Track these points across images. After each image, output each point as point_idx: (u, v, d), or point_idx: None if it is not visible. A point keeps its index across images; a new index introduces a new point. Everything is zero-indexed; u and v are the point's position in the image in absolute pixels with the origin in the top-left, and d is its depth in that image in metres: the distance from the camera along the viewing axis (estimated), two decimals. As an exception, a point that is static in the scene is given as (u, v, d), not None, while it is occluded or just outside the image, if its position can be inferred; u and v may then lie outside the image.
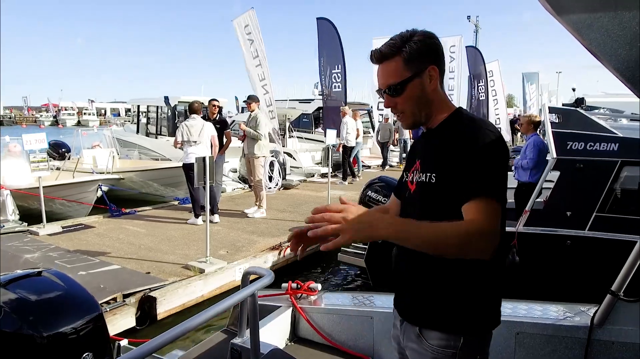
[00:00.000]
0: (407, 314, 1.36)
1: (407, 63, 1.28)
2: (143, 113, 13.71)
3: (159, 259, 5.46)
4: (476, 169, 1.18)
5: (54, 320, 1.84)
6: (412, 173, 1.38)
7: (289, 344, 2.52)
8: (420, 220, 1.15)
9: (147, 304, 4.35)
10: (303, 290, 2.59)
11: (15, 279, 1.96)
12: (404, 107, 1.33)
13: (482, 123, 1.28)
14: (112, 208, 7.83)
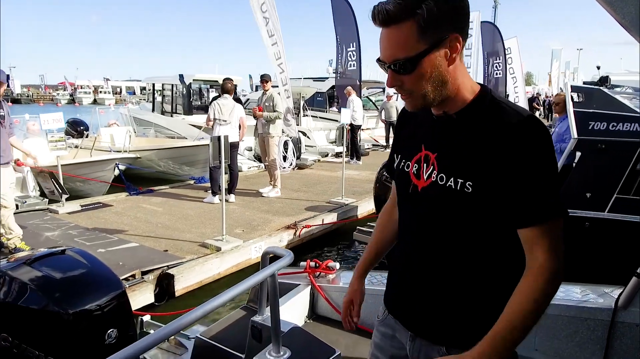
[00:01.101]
0: (424, 331, 1.15)
1: (423, 31, 0.96)
2: (158, 92, 13.75)
3: (176, 237, 5.55)
4: (537, 181, 0.97)
5: (79, 297, 1.89)
6: (421, 164, 1.12)
7: (307, 322, 2.57)
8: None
9: (165, 281, 4.44)
10: (321, 268, 2.61)
11: (40, 257, 2.01)
12: (414, 87, 1.03)
13: (523, 110, 1.04)
14: (130, 187, 7.95)
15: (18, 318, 1.85)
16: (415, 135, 1.17)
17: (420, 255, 1.14)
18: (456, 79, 1.04)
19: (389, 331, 1.25)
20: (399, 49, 0.99)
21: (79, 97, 57.44)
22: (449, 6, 0.97)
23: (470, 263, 1.07)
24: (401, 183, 1.19)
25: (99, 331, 1.91)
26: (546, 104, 25.27)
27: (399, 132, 1.29)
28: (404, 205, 1.20)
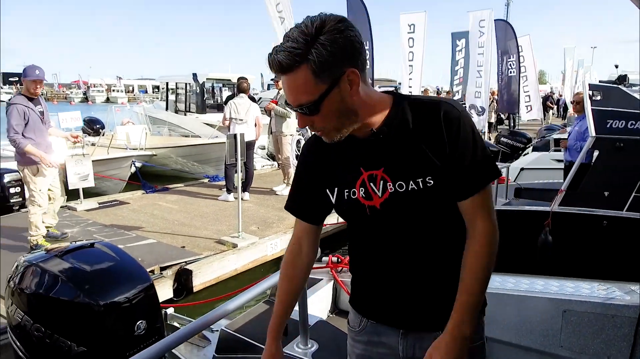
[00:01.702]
0: (417, 323, 1.18)
1: (318, 74, 0.99)
2: (172, 91, 13.88)
3: (193, 234, 5.62)
4: (467, 155, 1.07)
5: (109, 289, 1.94)
6: (367, 185, 1.13)
7: (330, 316, 2.60)
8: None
9: (183, 277, 4.52)
10: (343, 263, 2.64)
11: (71, 250, 2.07)
12: (325, 124, 1.07)
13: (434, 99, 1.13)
14: (145, 185, 8.05)
15: (50, 308, 1.90)
16: (343, 162, 1.17)
17: (399, 259, 1.16)
18: (365, 104, 1.08)
19: (373, 338, 1.25)
20: (300, 94, 1.03)
21: (92, 96, 58.03)
22: (338, 45, 0.99)
23: (444, 246, 1.15)
24: (352, 210, 1.18)
25: (128, 322, 1.95)
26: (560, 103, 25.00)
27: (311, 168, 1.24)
28: (363, 228, 1.21)
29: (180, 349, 2.32)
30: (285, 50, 0.98)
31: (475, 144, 1.08)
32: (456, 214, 1.13)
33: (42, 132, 4.73)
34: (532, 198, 5.05)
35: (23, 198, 6.73)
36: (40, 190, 4.77)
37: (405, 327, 1.19)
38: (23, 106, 4.58)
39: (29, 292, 1.92)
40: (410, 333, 1.19)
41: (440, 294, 1.15)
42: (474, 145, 1.08)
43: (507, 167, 5.31)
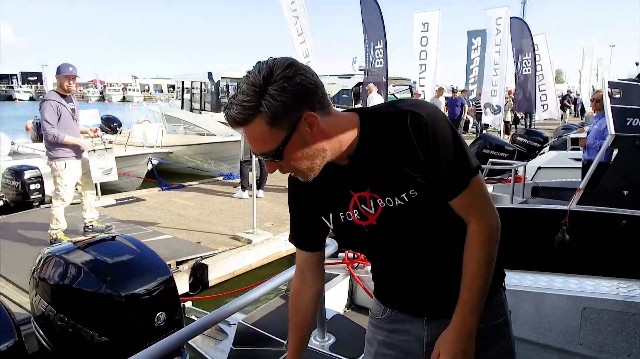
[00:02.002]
0: (440, 311, 1.20)
1: (274, 124, 0.98)
2: (187, 90, 14.00)
3: (208, 230, 5.68)
4: (443, 157, 1.05)
5: (130, 281, 1.99)
6: (359, 206, 1.15)
7: (346, 311, 2.61)
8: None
9: (199, 272, 4.57)
10: (360, 259, 2.65)
11: (93, 243, 2.12)
12: (293, 168, 1.06)
13: (403, 109, 1.07)
14: (162, 182, 8.15)
15: (73, 299, 1.96)
16: (331, 187, 1.17)
17: (411, 258, 1.20)
18: (332, 138, 1.06)
19: (397, 326, 1.28)
20: (261, 144, 1.02)
21: (109, 95, 58.76)
22: (288, 93, 0.96)
23: (453, 235, 1.16)
24: (351, 232, 1.20)
25: (148, 314, 2.00)
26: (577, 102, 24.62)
27: (301, 199, 1.25)
28: (365, 245, 1.24)
29: (198, 342, 2.35)
30: (238, 104, 0.97)
31: (447, 145, 1.06)
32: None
33: (73, 129, 4.87)
34: (549, 197, 4.99)
35: (43, 195, 6.86)
36: (66, 184, 4.87)
37: (429, 315, 1.23)
38: (56, 102, 4.71)
39: (52, 283, 1.98)
40: (433, 320, 1.23)
41: (457, 281, 1.16)
42: (446, 146, 1.06)
43: (524, 166, 5.25)
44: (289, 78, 0.97)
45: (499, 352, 1.22)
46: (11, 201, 6.75)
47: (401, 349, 1.28)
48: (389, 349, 1.30)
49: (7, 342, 1.61)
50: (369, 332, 1.37)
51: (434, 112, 1.06)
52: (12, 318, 1.69)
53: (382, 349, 1.31)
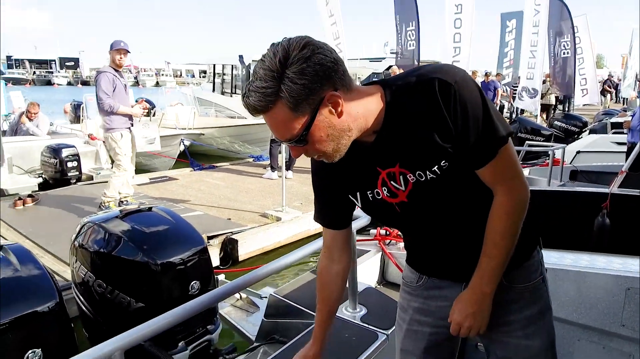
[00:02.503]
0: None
1: (296, 108, 0.93)
2: (218, 74, 14.12)
3: (238, 208, 5.79)
4: (473, 124, 1.00)
5: (166, 250, 2.03)
6: (389, 184, 1.12)
7: (377, 287, 2.61)
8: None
9: (229, 246, 4.67)
10: (392, 236, 2.64)
11: (131, 213, 2.17)
12: (318, 151, 1.02)
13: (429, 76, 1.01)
14: (193, 163, 8.30)
15: (112, 266, 2.02)
16: (357, 165, 1.13)
17: (445, 227, 1.18)
18: (357, 116, 1.02)
19: (434, 292, 1.28)
20: (283, 131, 0.98)
21: (143, 80, 59.92)
22: (307, 75, 0.92)
23: (484, 202, 1.13)
24: (382, 211, 1.18)
25: (183, 282, 2.04)
26: (619, 87, 23.57)
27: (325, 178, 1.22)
28: (397, 221, 1.22)
29: (231, 314, 2.40)
30: (256, 92, 0.92)
31: (475, 113, 1.01)
32: None
33: (125, 101, 5.05)
34: (588, 181, 4.81)
35: (80, 172, 7.09)
36: (125, 154, 5.07)
37: (468, 280, 1.21)
38: (111, 74, 4.88)
39: (91, 250, 2.04)
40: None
41: None
42: (475, 114, 1.01)
43: (562, 149, 5.06)
44: (307, 59, 0.91)
45: (538, 310, 1.23)
46: (50, 179, 7.01)
47: (437, 315, 1.27)
48: (425, 316, 1.30)
49: (50, 303, 1.67)
50: (402, 300, 1.36)
51: (462, 78, 1.01)
52: (54, 281, 1.75)
53: (417, 316, 1.31)
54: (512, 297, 1.20)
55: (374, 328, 1.78)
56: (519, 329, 1.20)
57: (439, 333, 1.29)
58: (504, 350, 1.24)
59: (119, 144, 4.98)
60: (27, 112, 8.55)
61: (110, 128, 4.92)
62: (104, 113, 4.89)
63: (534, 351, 1.22)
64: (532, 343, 1.22)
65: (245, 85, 0.96)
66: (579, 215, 3.58)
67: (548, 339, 1.25)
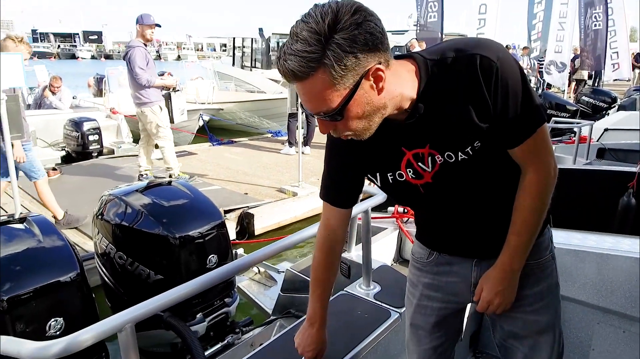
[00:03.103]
0: (489, 252, 1.18)
1: (338, 79, 0.86)
2: (238, 48, 14.02)
3: (255, 182, 5.85)
4: (510, 104, 0.97)
5: (184, 224, 2.05)
6: (415, 165, 1.07)
7: (393, 265, 2.61)
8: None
9: (245, 220, 4.73)
10: (410, 214, 2.61)
11: (150, 187, 2.19)
12: (351, 128, 0.96)
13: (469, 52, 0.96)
14: (212, 138, 8.34)
15: (132, 238, 2.05)
16: (380, 145, 1.08)
17: (463, 206, 1.16)
18: (394, 94, 0.95)
19: (444, 268, 1.27)
20: (319, 103, 0.90)
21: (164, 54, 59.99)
22: (358, 43, 0.84)
23: (507, 181, 1.12)
24: (404, 192, 1.14)
25: (201, 255, 2.07)
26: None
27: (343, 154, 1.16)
28: (418, 204, 1.22)
29: (249, 288, 2.43)
30: (297, 55, 0.84)
31: (516, 92, 0.97)
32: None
33: (156, 76, 5.15)
34: (616, 159, 4.67)
35: (101, 146, 7.19)
36: (167, 125, 5.18)
37: (480, 256, 1.23)
38: (143, 49, 4.91)
39: (113, 223, 2.08)
40: (483, 261, 1.22)
41: (506, 220, 1.14)
42: (516, 93, 0.97)
43: (590, 125, 4.90)
44: (358, 25, 0.84)
45: (547, 286, 1.24)
46: (72, 152, 7.15)
47: (447, 291, 1.28)
48: (435, 291, 1.30)
49: (71, 273, 1.71)
50: (412, 276, 1.36)
51: (504, 55, 0.96)
52: (75, 252, 1.79)
53: (427, 292, 1.31)
54: (523, 272, 1.19)
55: (387, 305, 1.78)
56: (528, 305, 1.21)
57: (447, 308, 1.31)
58: (511, 324, 1.25)
59: (159, 116, 5.06)
60: (50, 86, 8.66)
61: (149, 102, 4.97)
62: (139, 88, 4.90)
63: (541, 326, 1.23)
64: (539, 318, 1.23)
65: (282, 47, 0.89)
66: (604, 194, 3.48)
67: (555, 315, 1.26)
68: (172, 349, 2.11)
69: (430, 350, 1.35)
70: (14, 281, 1.59)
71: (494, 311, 1.19)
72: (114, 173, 6.12)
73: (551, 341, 1.24)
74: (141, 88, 4.89)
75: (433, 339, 1.34)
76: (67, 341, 1.02)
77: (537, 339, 1.24)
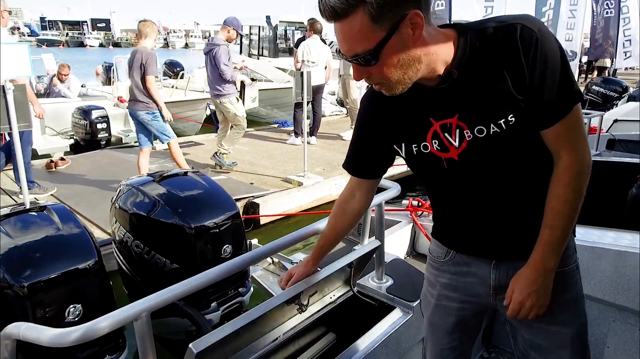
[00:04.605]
0: (509, 253, 1.16)
1: (376, 19, 0.87)
2: (245, 36, 13.94)
3: (261, 172, 5.89)
4: (548, 80, 0.96)
5: (200, 214, 2.08)
6: (441, 136, 1.06)
7: (407, 258, 2.62)
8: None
9: (251, 210, 4.78)
10: (424, 207, 2.61)
11: (166, 177, 2.22)
12: (384, 76, 0.96)
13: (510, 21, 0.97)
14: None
15: (148, 227, 2.08)
16: (409, 114, 1.08)
17: (485, 198, 1.12)
18: (430, 49, 0.96)
19: (462, 268, 1.24)
20: (356, 43, 0.91)
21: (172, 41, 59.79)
22: None
23: (532, 176, 1.09)
24: (427, 165, 1.13)
25: (216, 245, 2.10)
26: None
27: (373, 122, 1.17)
28: (442, 179, 1.15)
29: (263, 278, 2.46)
30: None
31: (554, 66, 0.96)
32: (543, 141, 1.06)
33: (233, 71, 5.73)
34: (627, 150, 4.63)
35: (109, 134, 7.22)
36: (243, 115, 5.77)
37: (498, 258, 1.18)
38: (226, 47, 5.57)
39: (130, 212, 2.11)
40: (502, 263, 1.18)
41: (531, 223, 1.10)
42: (554, 67, 0.96)
43: (600, 116, 4.85)
44: None
45: (572, 297, 1.18)
46: (81, 140, 7.20)
47: (466, 292, 1.25)
48: (453, 291, 1.27)
49: (90, 261, 1.75)
50: (429, 274, 1.35)
51: (545, 28, 0.97)
52: (93, 240, 1.82)
53: (446, 292, 1.28)
54: None
55: (399, 299, 1.79)
56: (549, 315, 1.15)
57: (466, 308, 1.27)
58: (531, 334, 1.20)
59: (236, 106, 5.68)
60: (58, 74, 8.69)
61: (227, 94, 5.59)
62: (220, 81, 5.51)
63: (563, 339, 1.17)
64: (561, 330, 1.17)
65: None
66: (613, 185, 3.46)
67: (578, 328, 1.19)
68: (187, 337, 2.15)
69: (448, 350, 1.34)
70: (34, 267, 1.63)
71: (526, 314, 1.10)
72: (122, 162, 6.17)
73: (573, 357, 1.18)
74: (223, 82, 5.50)
75: (453, 340, 1.32)
76: (85, 329, 1.04)
77: (559, 354, 1.18)
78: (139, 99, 4.65)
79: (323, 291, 1.63)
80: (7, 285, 1.58)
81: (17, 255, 1.65)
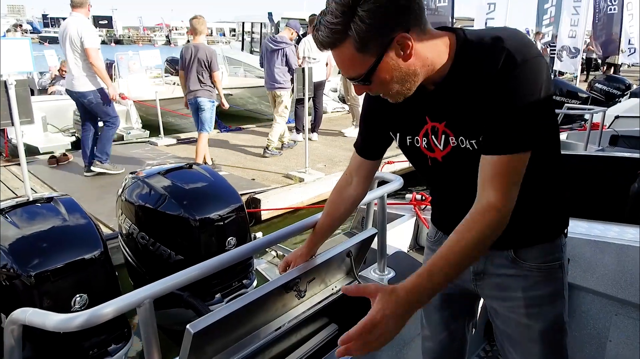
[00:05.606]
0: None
1: (363, 49, 0.92)
2: (248, 33, 13.93)
3: (262, 169, 5.92)
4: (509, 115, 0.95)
5: (204, 206, 2.10)
6: (430, 137, 1.10)
7: (409, 252, 2.63)
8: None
9: (252, 206, 4.80)
10: (428, 201, 2.61)
11: (172, 170, 2.24)
12: (382, 91, 1.02)
13: (502, 42, 0.96)
14: (220, 124, 8.36)
15: (154, 220, 2.10)
16: (409, 108, 1.11)
17: (466, 192, 1.11)
18: (426, 61, 0.99)
19: None
20: (349, 69, 0.98)
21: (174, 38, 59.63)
22: (378, 15, 0.89)
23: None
24: (416, 157, 1.19)
25: (220, 238, 2.11)
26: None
27: (376, 112, 1.22)
28: (427, 173, 1.21)
29: (266, 270, 2.48)
30: (326, 27, 0.92)
31: (522, 102, 0.94)
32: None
33: None
34: (629, 146, 4.63)
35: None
36: (290, 108, 6.47)
37: None
38: (294, 47, 6.26)
39: (136, 204, 2.13)
40: None
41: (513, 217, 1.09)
42: (521, 102, 0.94)
43: (603, 112, 4.85)
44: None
45: (547, 294, 1.18)
46: (82, 137, 7.19)
47: (463, 278, 1.29)
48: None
49: (96, 252, 1.77)
50: (425, 256, 1.44)
51: (533, 62, 0.94)
52: (99, 231, 1.84)
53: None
54: (518, 272, 1.18)
55: None
56: (522, 308, 1.17)
57: (451, 286, 1.26)
58: (505, 324, 1.24)
59: (288, 99, 6.34)
60: (60, 70, 8.70)
61: (288, 87, 6.26)
62: (287, 76, 6.24)
63: (533, 333, 1.18)
64: (532, 324, 1.18)
65: (318, 16, 0.96)
66: (613, 181, 3.47)
67: (552, 325, 1.19)
68: (191, 328, 2.17)
69: (440, 326, 1.41)
70: (41, 257, 1.65)
71: (360, 340, 0.93)
72: (124, 159, 6.19)
73: (544, 355, 1.19)
74: (287, 76, 6.18)
75: (443, 317, 1.40)
76: (89, 314, 1.05)
77: (529, 347, 1.20)
78: (202, 89, 5.37)
79: (325, 281, 1.64)
80: (14, 275, 1.60)
81: (24, 245, 1.67)
